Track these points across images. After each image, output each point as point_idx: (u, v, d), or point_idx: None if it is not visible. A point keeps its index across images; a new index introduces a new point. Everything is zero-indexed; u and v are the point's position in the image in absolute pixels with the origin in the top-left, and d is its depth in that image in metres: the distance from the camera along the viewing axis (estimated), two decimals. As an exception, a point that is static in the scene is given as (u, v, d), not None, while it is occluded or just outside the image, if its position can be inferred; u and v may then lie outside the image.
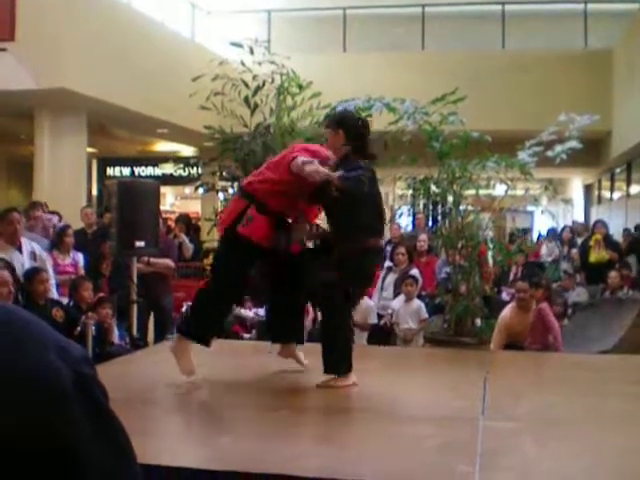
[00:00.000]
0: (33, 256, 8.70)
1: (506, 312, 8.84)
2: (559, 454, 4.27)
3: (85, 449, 0.97)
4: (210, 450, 4.27)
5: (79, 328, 7.73)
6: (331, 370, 5.77)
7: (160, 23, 17.39)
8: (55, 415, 0.95)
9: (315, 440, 4.51)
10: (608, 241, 13.92)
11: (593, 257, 13.41)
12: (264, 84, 11.74)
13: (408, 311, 9.53)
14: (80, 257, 9.91)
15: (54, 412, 0.95)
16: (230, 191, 12.29)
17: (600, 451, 4.33)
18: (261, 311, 9.77)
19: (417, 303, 9.62)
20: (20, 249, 8.49)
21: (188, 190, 25.41)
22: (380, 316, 9.87)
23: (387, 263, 11.19)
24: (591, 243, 13.64)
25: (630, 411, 5.25)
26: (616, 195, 22.66)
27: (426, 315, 9.55)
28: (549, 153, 9.00)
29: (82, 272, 9.72)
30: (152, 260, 9.42)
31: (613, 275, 11.90)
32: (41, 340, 1.00)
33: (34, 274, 8.15)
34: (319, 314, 9.91)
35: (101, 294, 9.24)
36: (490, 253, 9.58)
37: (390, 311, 9.69)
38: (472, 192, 9.53)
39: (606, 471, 3.95)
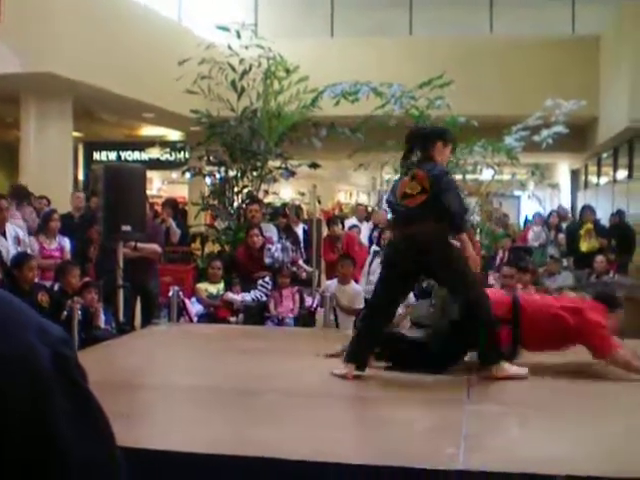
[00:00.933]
0: (17, 241, 8.68)
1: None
2: (543, 436, 4.29)
3: (62, 428, 0.97)
4: (199, 434, 4.27)
5: (65, 312, 7.72)
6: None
7: (146, 6, 17.30)
8: (32, 394, 0.95)
9: (303, 423, 4.52)
10: (598, 228, 13.98)
11: (585, 246, 13.46)
12: (251, 68, 11.71)
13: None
14: (66, 242, 9.88)
15: (31, 391, 0.95)
16: (217, 176, 12.27)
17: (584, 433, 4.36)
18: (247, 296, 9.76)
19: (404, 288, 9.60)
20: (4, 234, 8.47)
21: (175, 175, 25.33)
22: (367, 300, 9.86)
23: (374, 247, 11.21)
24: (581, 232, 13.68)
25: (615, 394, 5.29)
26: (603, 180, 22.71)
27: (413, 299, 9.54)
28: (535, 138, 9.03)
29: (68, 257, 9.70)
30: (139, 245, 9.40)
31: (599, 260, 11.95)
32: (21, 321, 1.01)
33: (24, 261, 8.14)
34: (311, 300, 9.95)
35: (87, 279, 9.22)
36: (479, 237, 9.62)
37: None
38: (459, 177, 9.56)
39: (589, 452, 3.98)
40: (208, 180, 13.06)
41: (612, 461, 3.81)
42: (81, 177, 23.22)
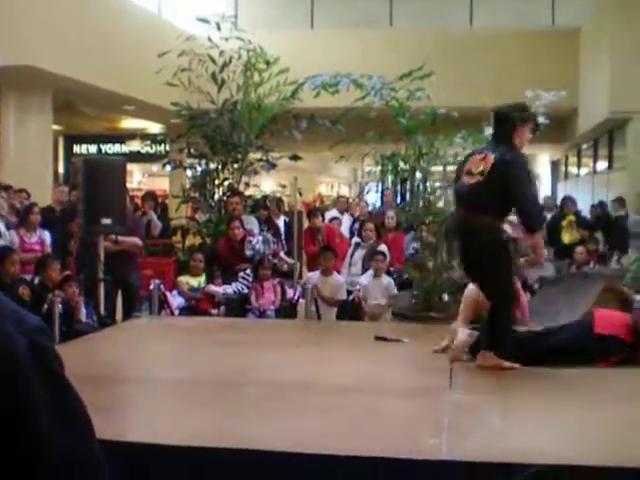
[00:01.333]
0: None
1: (472, 287, 8.81)
2: (526, 426, 4.32)
3: (42, 418, 0.98)
4: (181, 427, 4.27)
5: (46, 306, 7.70)
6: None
7: (127, -1, 17.23)
8: (11, 385, 0.95)
9: (285, 415, 4.53)
10: (579, 220, 14.05)
11: (567, 239, 13.54)
12: (231, 60, 11.68)
13: (377, 287, 9.54)
14: (47, 235, 9.84)
15: (10, 382, 0.95)
16: (198, 168, 12.24)
17: (567, 423, 4.38)
18: (229, 289, 9.76)
19: (386, 279, 9.63)
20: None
21: (155, 167, 25.26)
22: (348, 292, 9.89)
23: (355, 239, 11.22)
24: (563, 224, 13.74)
25: (597, 384, 5.32)
26: (583, 171, 22.81)
27: (395, 291, 9.56)
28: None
29: (49, 250, 9.67)
30: (120, 238, 9.37)
31: (579, 250, 11.99)
32: (0, 313, 1.01)
33: (6, 254, 8.12)
34: (292, 292, 9.94)
35: (68, 272, 9.19)
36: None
37: (358, 287, 9.72)
38: (440, 168, 9.57)
39: (572, 442, 4.00)
40: (189, 173, 13.04)
41: (598, 450, 3.84)
42: (61, 170, 23.11)
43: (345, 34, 19.35)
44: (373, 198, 20.13)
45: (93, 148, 24.43)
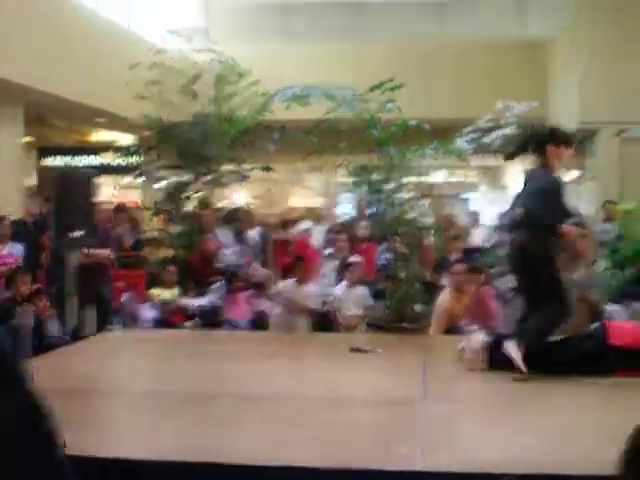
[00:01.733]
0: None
1: (444, 297, 8.84)
2: (499, 435, 4.33)
3: (6, 427, 0.97)
4: (152, 440, 4.25)
5: (16, 320, 7.64)
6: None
7: (97, 12, 17.15)
8: None
9: (257, 427, 4.52)
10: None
11: None
12: (202, 73, 11.68)
13: (351, 298, 9.53)
14: (18, 248, 9.78)
15: None
16: (170, 180, 12.19)
17: (540, 430, 4.40)
18: (202, 301, 9.73)
19: (361, 289, 9.62)
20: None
21: (127, 180, 25.14)
22: (322, 303, 9.87)
23: (327, 250, 11.22)
24: None
25: (569, 391, 5.35)
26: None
27: (371, 302, 9.55)
28: (486, 140, 9.10)
29: (20, 263, 9.60)
30: (91, 252, 9.32)
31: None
32: None
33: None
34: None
35: (38, 285, 9.13)
36: (431, 239, 9.68)
37: (332, 298, 9.71)
38: (412, 179, 9.60)
39: (546, 450, 4.02)
40: (161, 184, 12.99)
41: (574, 458, 3.85)
42: (33, 183, 22.96)
43: (318, 46, 19.38)
44: (346, 209, 20.11)
45: (65, 160, 24.28)
